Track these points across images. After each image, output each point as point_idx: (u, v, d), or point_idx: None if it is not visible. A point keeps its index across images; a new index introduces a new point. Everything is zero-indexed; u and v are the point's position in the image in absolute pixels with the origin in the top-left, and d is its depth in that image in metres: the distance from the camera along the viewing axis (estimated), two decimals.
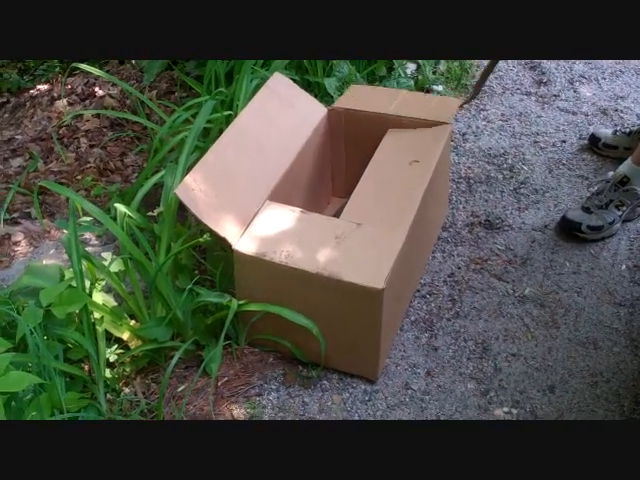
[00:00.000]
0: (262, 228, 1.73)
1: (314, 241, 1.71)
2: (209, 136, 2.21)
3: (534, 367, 1.82)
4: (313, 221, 1.78)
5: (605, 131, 2.43)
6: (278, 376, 1.81)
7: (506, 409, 1.74)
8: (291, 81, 2.10)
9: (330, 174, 2.24)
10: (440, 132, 2.00)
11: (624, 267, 2.07)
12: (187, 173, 1.71)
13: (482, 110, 2.66)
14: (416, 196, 1.84)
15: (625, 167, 2.15)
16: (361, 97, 2.16)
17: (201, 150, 2.13)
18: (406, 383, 1.79)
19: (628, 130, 2.38)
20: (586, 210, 2.16)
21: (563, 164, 2.42)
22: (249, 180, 1.80)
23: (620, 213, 2.17)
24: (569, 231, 2.16)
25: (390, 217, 1.79)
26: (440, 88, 2.72)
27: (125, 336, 1.81)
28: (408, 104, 2.09)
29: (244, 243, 1.69)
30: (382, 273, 1.62)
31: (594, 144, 2.45)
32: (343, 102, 2.14)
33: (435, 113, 2.05)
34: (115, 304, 1.83)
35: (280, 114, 1.98)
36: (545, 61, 2.90)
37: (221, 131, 2.21)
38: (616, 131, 2.40)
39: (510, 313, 1.96)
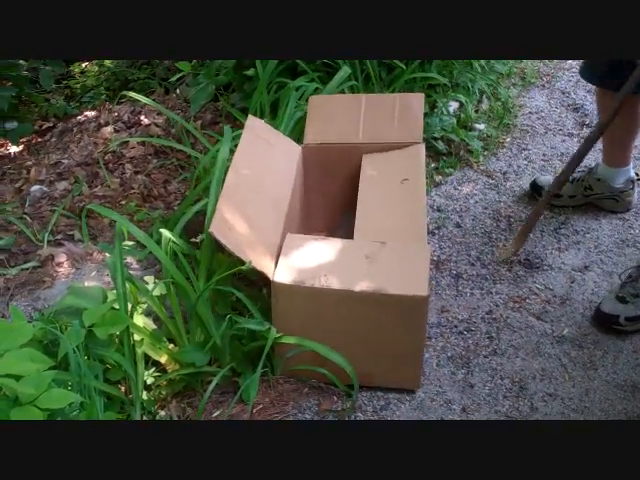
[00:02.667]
0: (293, 258, 1.77)
1: (347, 263, 1.76)
2: None
3: (571, 408, 1.80)
4: (338, 245, 1.82)
5: (547, 178, 2.41)
6: (312, 406, 1.81)
7: None
8: (264, 122, 2.15)
9: (307, 210, 2.25)
10: (415, 151, 2.09)
11: None
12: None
13: (524, 150, 2.67)
14: (421, 209, 1.93)
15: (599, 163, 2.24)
16: (326, 118, 2.17)
17: None
18: (441, 419, 1.78)
19: (572, 178, 2.31)
20: (621, 300, 2.01)
21: None
22: (263, 216, 1.86)
23: (587, 194, 2.24)
24: (607, 325, 2.01)
25: (405, 232, 1.88)
26: (482, 126, 2.74)
27: (163, 359, 1.83)
28: (375, 124, 2.13)
29: (281, 274, 1.72)
30: (422, 282, 1.69)
31: (538, 193, 2.40)
32: (311, 132, 2.15)
33: (403, 133, 2.11)
34: (155, 327, 1.85)
35: (266, 154, 2.03)
36: (588, 103, 2.90)
37: None
38: (559, 177, 2.35)
39: (548, 353, 1.94)
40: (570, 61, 3.20)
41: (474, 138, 2.63)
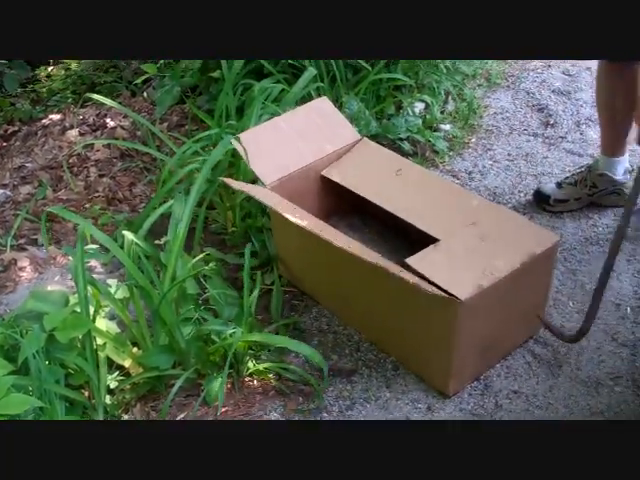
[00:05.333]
0: None
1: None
2: (217, 169, 2.24)
3: (535, 405, 1.82)
4: None
5: (550, 186, 2.42)
6: (278, 407, 1.81)
7: None
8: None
9: None
10: (367, 145, 2.16)
11: (628, 309, 2.07)
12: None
13: (489, 150, 2.69)
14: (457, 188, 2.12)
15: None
16: (267, 152, 2.09)
17: (209, 182, 2.16)
18: (406, 417, 1.79)
19: (573, 180, 2.38)
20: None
21: None
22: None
23: (591, 192, 2.34)
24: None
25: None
26: (448, 127, 2.75)
27: (127, 363, 1.82)
28: (310, 140, 2.12)
29: None
30: (470, 284, 1.67)
31: (545, 202, 2.41)
32: (263, 171, 2.05)
33: (341, 137, 2.15)
34: (118, 331, 1.84)
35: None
36: (552, 103, 2.93)
37: (230, 163, 2.25)
38: (560, 184, 2.40)
39: (512, 351, 1.95)
40: (535, 62, 3.23)
41: (439, 139, 2.65)
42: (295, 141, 2.10)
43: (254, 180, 2.07)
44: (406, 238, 2.02)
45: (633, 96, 2.22)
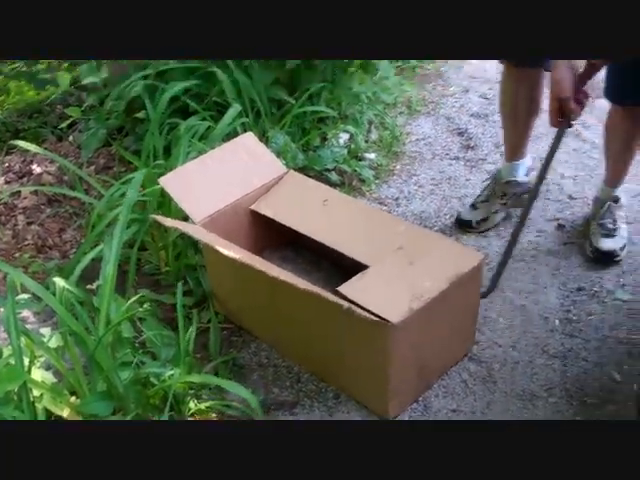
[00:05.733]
0: None
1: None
2: (146, 209, 2.24)
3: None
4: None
5: (467, 210, 2.51)
6: None
7: None
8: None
9: None
10: (294, 177, 2.19)
11: (557, 322, 2.14)
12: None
13: (413, 175, 2.76)
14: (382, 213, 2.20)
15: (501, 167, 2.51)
16: (194, 192, 2.10)
17: (139, 222, 2.17)
18: None
19: (485, 197, 2.49)
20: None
21: None
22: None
23: (504, 202, 2.45)
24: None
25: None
26: (372, 156, 2.82)
27: (65, 413, 1.79)
28: (237, 175, 2.14)
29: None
30: (402, 307, 1.71)
31: (468, 226, 2.49)
32: (193, 210, 2.06)
33: (267, 171, 2.18)
34: (55, 381, 1.81)
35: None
36: (472, 127, 3.03)
37: (159, 204, 2.25)
38: (474, 205, 2.50)
39: (448, 370, 2.00)
40: (452, 88, 3.35)
41: (365, 167, 2.71)
42: (223, 177, 2.12)
43: (185, 218, 2.08)
44: (340, 267, 2.06)
45: (535, 100, 2.35)
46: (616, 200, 2.37)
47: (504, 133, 2.51)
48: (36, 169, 2.86)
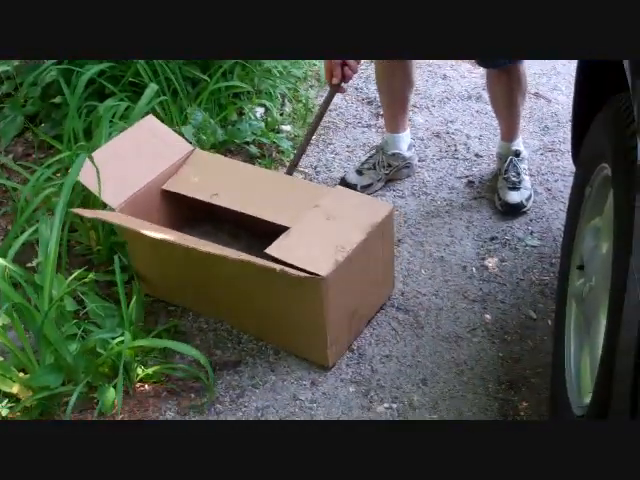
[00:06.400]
0: None
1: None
2: (74, 191, 2.27)
3: (406, 365, 2.01)
4: None
5: (352, 175, 2.63)
6: (172, 407, 1.89)
7: (387, 405, 1.90)
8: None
9: None
10: (200, 154, 2.27)
11: (474, 269, 2.30)
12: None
13: (329, 144, 2.88)
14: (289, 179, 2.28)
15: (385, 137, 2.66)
16: (115, 174, 2.12)
17: (68, 205, 2.19)
18: (294, 395, 1.92)
19: (371, 164, 2.63)
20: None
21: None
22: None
23: (387, 172, 2.61)
24: None
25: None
26: (289, 127, 2.92)
27: (15, 389, 1.83)
28: (148, 158, 2.20)
29: None
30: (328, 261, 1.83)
31: (353, 190, 2.54)
32: (110, 193, 2.09)
33: (176, 150, 2.24)
34: (1, 359, 1.85)
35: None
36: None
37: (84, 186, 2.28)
38: (360, 171, 2.63)
39: (378, 320, 2.13)
40: None
41: (283, 139, 2.80)
42: (131, 161, 2.16)
43: (105, 205, 2.11)
44: (258, 237, 2.11)
45: (409, 76, 2.51)
46: (517, 154, 2.55)
47: (384, 109, 2.70)
48: None
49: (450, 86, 3.20)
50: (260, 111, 2.92)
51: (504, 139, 2.58)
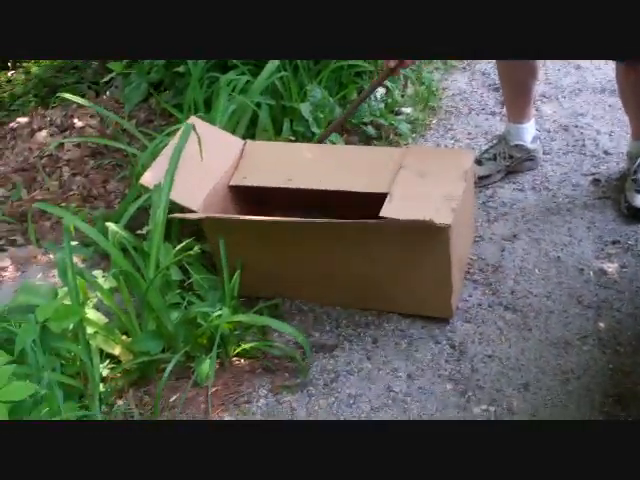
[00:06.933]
0: None
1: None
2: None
3: (509, 367, 1.92)
4: None
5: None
6: (266, 384, 1.89)
7: (484, 407, 1.83)
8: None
9: None
10: (254, 145, 2.21)
11: (591, 273, 2.18)
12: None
13: (450, 130, 2.79)
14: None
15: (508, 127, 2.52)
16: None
17: None
18: (388, 386, 1.88)
19: (492, 155, 2.52)
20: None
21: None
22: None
23: (508, 163, 2.49)
24: None
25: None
26: (409, 110, 2.85)
27: (117, 351, 1.87)
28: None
29: None
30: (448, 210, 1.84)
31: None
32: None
33: (228, 148, 2.19)
34: (107, 321, 1.89)
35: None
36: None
37: None
38: (480, 161, 2.51)
39: (484, 317, 2.05)
40: None
41: (402, 121, 2.74)
42: (193, 165, 2.07)
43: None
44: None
45: (532, 65, 2.37)
46: None
47: (506, 101, 2.57)
48: (78, 123, 2.92)
49: (583, 77, 3.03)
50: (381, 91, 2.86)
51: (636, 138, 2.41)
